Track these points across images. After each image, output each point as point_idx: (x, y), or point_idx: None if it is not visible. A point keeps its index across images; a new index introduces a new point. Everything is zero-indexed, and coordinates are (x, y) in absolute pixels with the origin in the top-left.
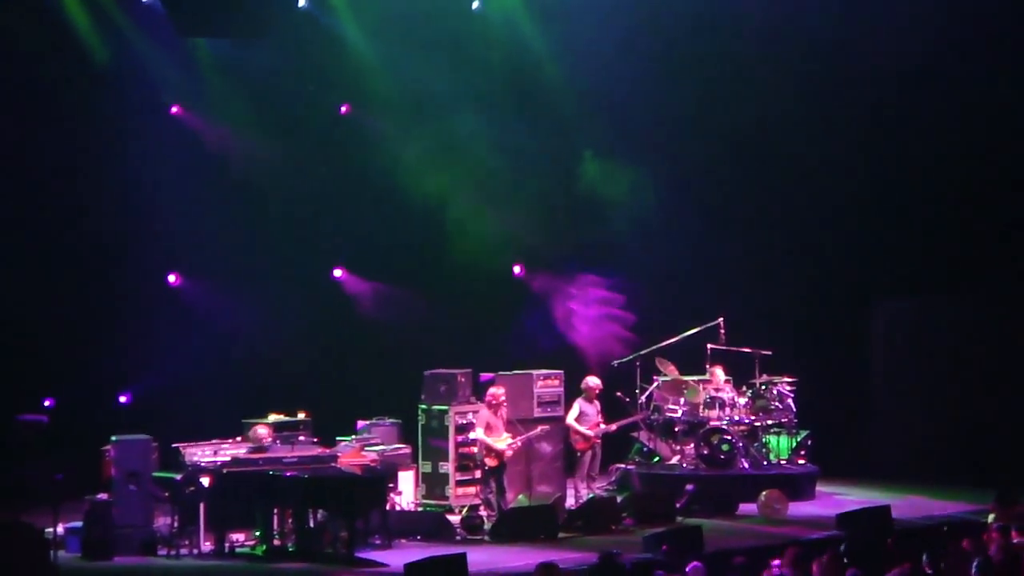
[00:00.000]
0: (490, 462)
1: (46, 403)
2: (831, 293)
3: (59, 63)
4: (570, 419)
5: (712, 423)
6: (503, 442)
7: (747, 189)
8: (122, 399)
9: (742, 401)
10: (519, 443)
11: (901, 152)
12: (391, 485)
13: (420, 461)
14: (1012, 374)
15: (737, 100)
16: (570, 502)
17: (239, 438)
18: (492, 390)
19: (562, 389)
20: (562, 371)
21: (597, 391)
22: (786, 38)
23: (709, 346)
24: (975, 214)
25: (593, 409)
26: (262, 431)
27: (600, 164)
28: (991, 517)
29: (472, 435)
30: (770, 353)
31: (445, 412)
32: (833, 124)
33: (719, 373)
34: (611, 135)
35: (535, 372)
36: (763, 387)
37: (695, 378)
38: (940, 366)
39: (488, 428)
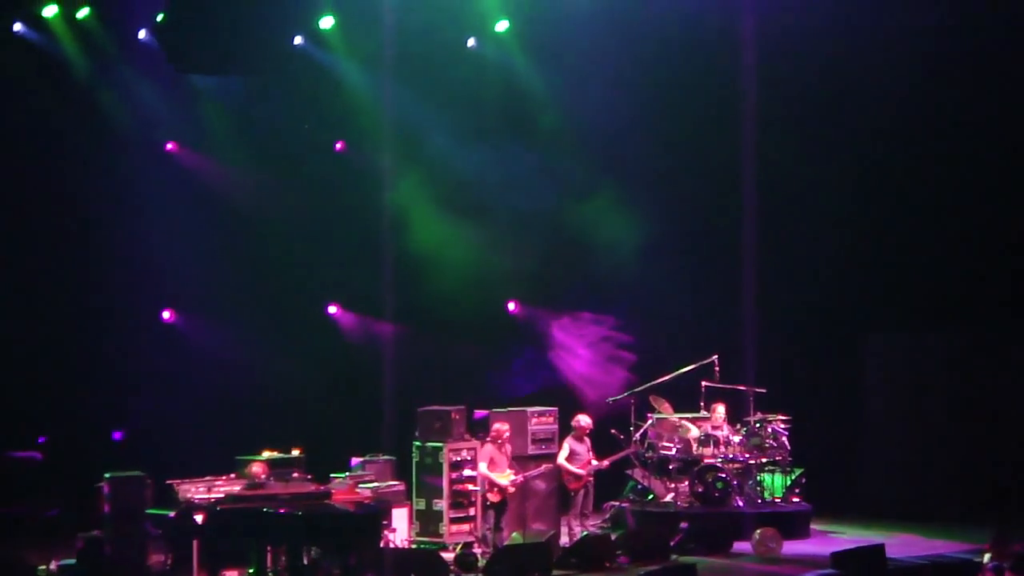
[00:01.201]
0: (492, 497)
1: (40, 440)
2: (824, 330)
3: (55, 100)
4: (561, 459)
5: (706, 461)
6: (506, 478)
7: (741, 225)
8: (116, 436)
9: (736, 439)
10: (522, 479)
11: (894, 187)
12: (385, 522)
13: (414, 498)
14: (1006, 410)
15: (729, 135)
16: (564, 540)
17: (233, 475)
18: (497, 426)
19: (556, 426)
20: (556, 408)
21: (588, 430)
22: (778, 71)
23: (704, 383)
24: (968, 250)
25: (583, 447)
26: (256, 468)
27: (594, 201)
28: (986, 557)
29: (467, 472)
30: (764, 391)
31: (439, 449)
32: (826, 159)
33: (720, 410)
34: (605, 172)
35: (529, 409)
36: (757, 425)
37: (694, 416)
38: (934, 402)
39: (491, 463)
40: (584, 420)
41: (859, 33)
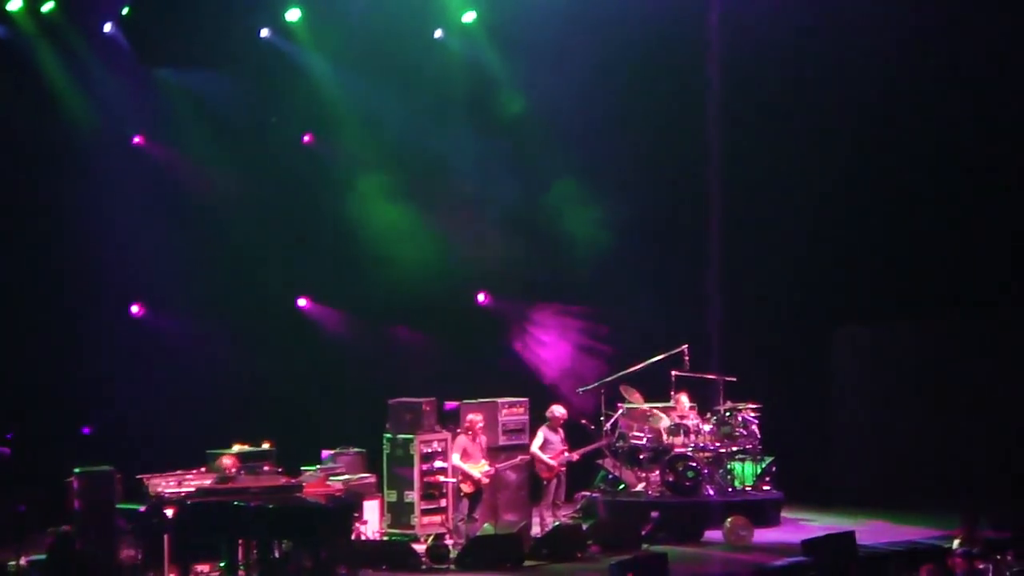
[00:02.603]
0: (466, 488)
1: (7, 436)
2: (794, 319)
3: (20, 94)
4: (534, 448)
5: (677, 450)
6: (480, 469)
7: (711, 216)
8: (85, 430)
9: (707, 428)
10: (495, 470)
11: (863, 179)
12: (356, 515)
13: (385, 490)
14: (974, 399)
15: (697, 125)
16: (536, 530)
17: (203, 469)
18: (470, 416)
19: (527, 417)
20: (527, 399)
21: (562, 420)
22: (744, 61)
23: (674, 373)
24: (937, 240)
25: (557, 438)
26: (227, 461)
27: (563, 192)
28: (955, 542)
29: (438, 464)
30: (734, 379)
31: (410, 441)
32: (794, 149)
33: (684, 400)
34: (573, 164)
35: (500, 400)
36: (728, 414)
37: (660, 405)
38: (903, 392)
39: (465, 454)
40: (559, 410)
41: (824, 26)
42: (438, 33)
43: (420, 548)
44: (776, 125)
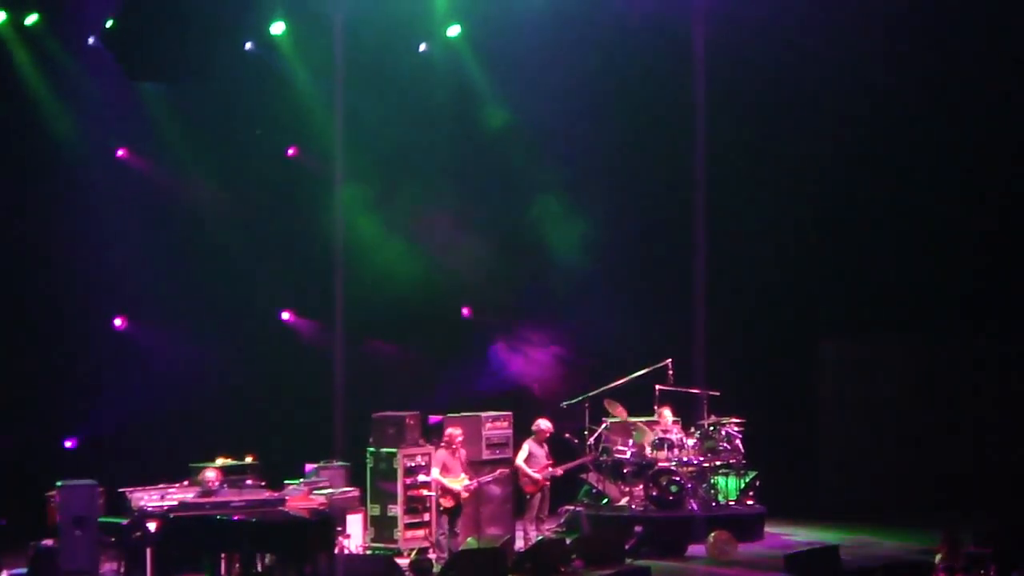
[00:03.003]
0: (445, 503)
1: None
2: (778, 333)
3: (4, 106)
4: (519, 461)
5: (661, 464)
6: (459, 483)
7: (694, 230)
8: (67, 443)
9: (690, 442)
10: (475, 485)
11: (849, 192)
12: (339, 528)
13: (369, 504)
14: (958, 415)
15: (681, 138)
16: (519, 544)
17: (186, 482)
18: (449, 430)
19: (511, 431)
20: (511, 413)
21: (548, 434)
22: (729, 75)
23: (657, 387)
24: (923, 255)
25: (542, 452)
26: (210, 475)
27: (546, 206)
28: (938, 557)
29: (422, 478)
30: (718, 394)
31: (394, 455)
32: (780, 164)
33: (667, 414)
34: (557, 178)
35: (484, 414)
36: (711, 428)
37: (644, 419)
38: (886, 406)
39: (444, 469)
40: (544, 424)
41: (810, 35)
42: (423, 47)
43: (403, 562)
44: (761, 140)
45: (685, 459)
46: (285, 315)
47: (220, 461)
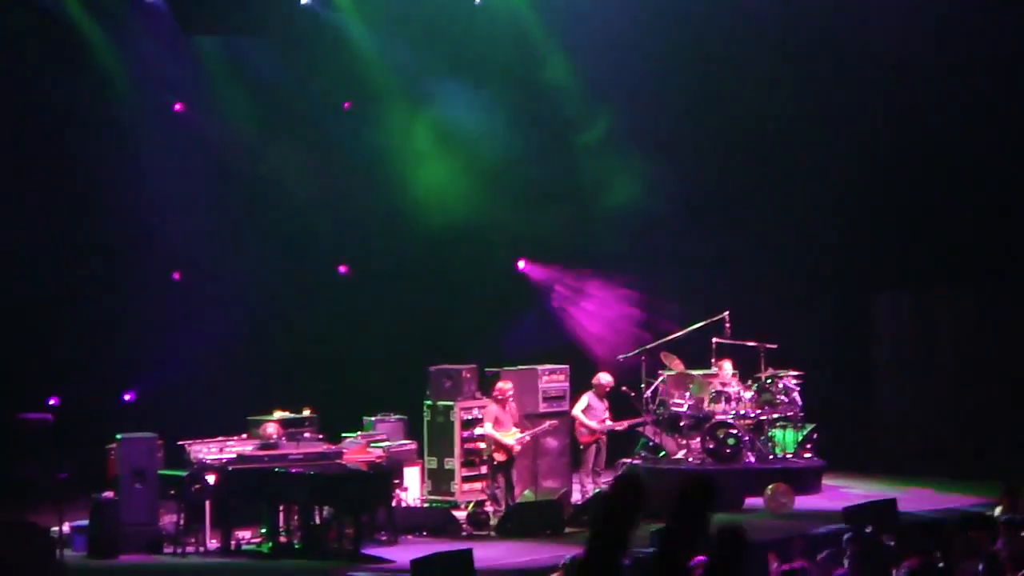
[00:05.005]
0: (499, 457)
1: (51, 401)
2: (835, 287)
3: (62, 61)
4: (577, 410)
5: (718, 417)
6: (512, 437)
7: (751, 183)
8: (127, 397)
9: (747, 395)
10: (528, 438)
11: (903, 145)
12: (397, 481)
13: (426, 457)
14: (1017, 366)
15: (740, 95)
16: (576, 497)
17: (245, 435)
18: (500, 384)
19: (568, 384)
20: (567, 366)
21: (608, 388)
22: (787, 32)
23: (715, 340)
24: (978, 206)
25: (601, 405)
26: (269, 428)
27: (604, 159)
28: (998, 510)
29: (479, 431)
30: (775, 347)
31: (451, 408)
32: (835, 118)
33: (727, 367)
34: (615, 130)
35: (540, 367)
36: (768, 381)
37: (702, 372)
38: (944, 358)
39: (497, 423)
40: (606, 378)
41: None
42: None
43: (460, 515)
44: (820, 93)
45: (742, 412)
46: (342, 268)
47: (278, 414)
